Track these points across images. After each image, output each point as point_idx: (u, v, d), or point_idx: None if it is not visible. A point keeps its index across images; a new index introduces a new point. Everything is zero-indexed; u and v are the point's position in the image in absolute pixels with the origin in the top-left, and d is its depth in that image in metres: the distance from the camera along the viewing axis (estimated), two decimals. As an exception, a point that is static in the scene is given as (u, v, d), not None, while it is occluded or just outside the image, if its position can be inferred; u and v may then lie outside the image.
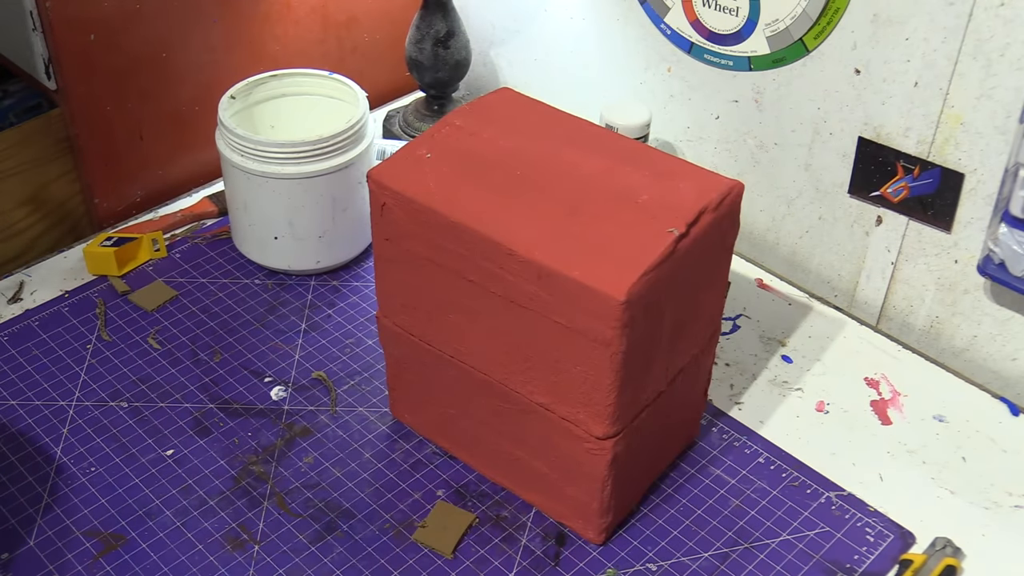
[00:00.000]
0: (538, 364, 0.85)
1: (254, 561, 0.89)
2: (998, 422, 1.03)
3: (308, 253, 1.14)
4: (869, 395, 1.05)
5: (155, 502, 0.93)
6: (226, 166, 1.12)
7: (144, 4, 1.16)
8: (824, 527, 0.93)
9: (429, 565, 0.89)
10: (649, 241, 0.80)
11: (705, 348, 0.93)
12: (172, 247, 1.19)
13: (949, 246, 1.08)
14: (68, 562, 0.89)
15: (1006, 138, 0.99)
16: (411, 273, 0.89)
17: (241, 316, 1.11)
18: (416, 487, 0.96)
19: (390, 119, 1.37)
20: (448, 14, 1.28)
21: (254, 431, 1.00)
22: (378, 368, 1.06)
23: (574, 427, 0.85)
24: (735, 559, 0.90)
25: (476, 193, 0.85)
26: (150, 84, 1.20)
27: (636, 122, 1.19)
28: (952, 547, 0.90)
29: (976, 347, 1.10)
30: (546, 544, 0.91)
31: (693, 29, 1.17)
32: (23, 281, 1.15)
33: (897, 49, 1.03)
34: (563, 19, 1.32)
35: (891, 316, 1.16)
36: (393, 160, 0.89)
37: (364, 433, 1.00)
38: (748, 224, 1.23)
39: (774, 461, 0.98)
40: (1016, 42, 0.95)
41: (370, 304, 1.13)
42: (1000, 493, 0.97)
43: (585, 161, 0.88)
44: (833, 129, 1.12)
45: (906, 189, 1.08)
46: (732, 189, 0.86)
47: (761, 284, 1.18)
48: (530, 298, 0.82)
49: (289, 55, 1.31)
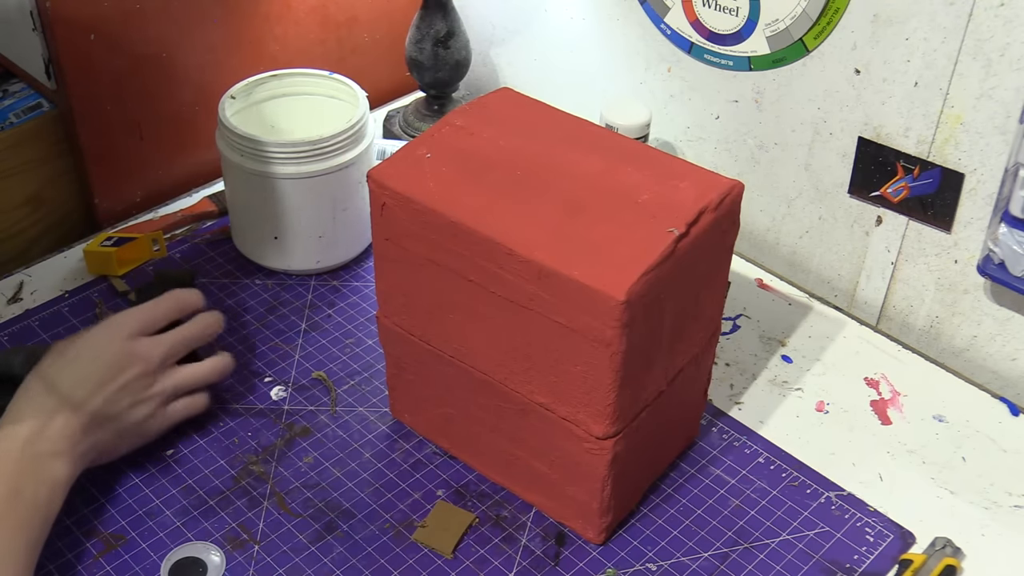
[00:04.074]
0: (538, 364, 0.85)
1: (254, 561, 0.89)
2: (998, 422, 1.03)
3: (308, 253, 1.14)
4: (869, 395, 1.05)
5: (155, 502, 0.93)
6: (226, 166, 1.12)
7: (144, 4, 1.16)
8: (824, 527, 0.93)
9: (429, 565, 0.89)
10: (649, 241, 0.80)
11: (705, 348, 0.93)
12: (172, 247, 1.19)
13: (949, 246, 1.08)
14: (68, 562, 0.89)
15: (1006, 138, 0.99)
16: (411, 273, 0.89)
17: (241, 316, 1.11)
18: (416, 487, 0.96)
19: (390, 119, 1.37)
20: (448, 14, 1.28)
21: (254, 431, 1.00)
22: (378, 368, 1.06)
23: (574, 427, 0.85)
24: (735, 559, 0.90)
25: (476, 193, 0.85)
26: (150, 84, 1.20)
27: (636, 122, 1.19)
28: (952, 547, 0.90)
29: (976, 347, 1.10)
30: (546, 544, 0.91)
31: (693, 29, 1.17)
32: (23, 281, 1.15)
33: (897, 49, 1.03)
34: (563, 19, 1.32)
35: (891, 316, 1.16)
36: (393, 160, 0.89)
37: (364, 433, 1.00)
38: (748, 224, 1.23)
39: (774, 461, 0.98)
40: (1016, 42, 0.95)
41: (370, 304, 1.13)
42: (1000, 493, 0.97)
43: (585, 161, 0.88)
44: (833, 129, 1.12)
45: (906, 189, 1.08)
46: (732, 189, 0.86)
47: (761, 284, 1.18)
48: (530, 298, 0.82)
49: (289, 55, 1.31)
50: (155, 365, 0.92)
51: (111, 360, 0.90)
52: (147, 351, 0.92)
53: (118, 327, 0.93)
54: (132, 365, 0.91)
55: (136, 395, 0.91)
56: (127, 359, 0.91)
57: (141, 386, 0.91)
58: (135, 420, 0.91)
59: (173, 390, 0.94)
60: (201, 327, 0.98)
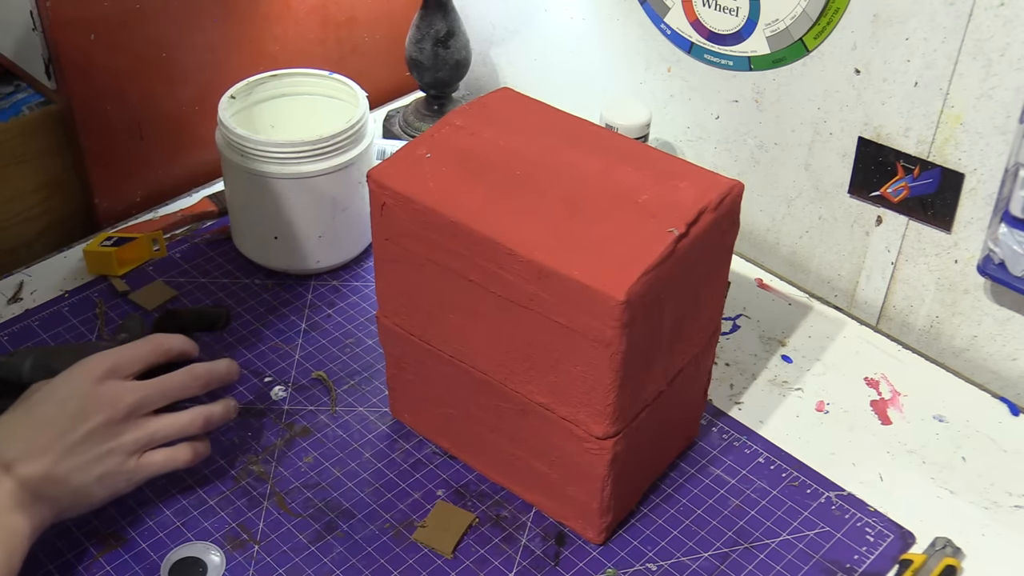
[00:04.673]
0: (538, 364, 0.85)
1: (254, 561, 0.89)
2: (998, 422, 1.03)
3: (308, 253, 1.14)
4: (869, 395, 1.05)
5: (155, 502, 0.93)
6: (226, 166, 1.12)
7: (144, 4, 1.16)
8: (824, 527, 0.93)
9: (429, 565, 0.89)
10: (649, 241, 0.80)
11: (705, 348, 0.93)
12: (172, 247, 1.19)
13: (949, 246, 1.08)
14: (68, 562, 0.89)
15: (1006, 138, 0.99)
16: (411, 273, 0.89)
17: (241, 316, 1.11)
18: (416, 487, 0.96)
19: (390, 119, 1.37)
20: (448, 14, 1.28)
21: (254, 431, 1.00)
22: (378, 368, 1.06)
23: (574, 427, 0.85)
24: (735, 559, 0.90)
25: (476, 193, 0.85)
26: (150, 84, 1.21)
27: (636, 122, 1.19)
28: (952, 547, 0.90)
29: (976, 347, 1.10)
30: (546, 544, 0.91)
31: (693, 29, 1.17)
32: (23, 281, 1.15)
33: (897, 49, 1.03)
34: (563, 19, 1.32)
35: (891, 316, 1.16)
36: (393, 160, 0.89)
37: (364, 433, 1.00)
38: (748, 224, 1.23)
39: (774, 461, 0.98)
40: (1016, 42, 0.95)
41: (370, 304, 1.13)
42: (1000, 493, 0.97)
43: (585, 161, 0.88)
44: (833, 129, 1.12)
45: (906, 189, 1.08)
46: (732, 189, 0.86)
47: (761, 284, 1.18)
48: (530, 298, 0.82)
49: (289, 55, 1.31)
50: (122, 413, 0.85)
51: (74, 409, 0.84)
52: (114, 397, 0.85)
53: (88, 370, 0.86)
54: (96, 413, 0.84)
55: (99, 445, 0.84)
56: (92, 406, 0.84)
57: (105, 436, 0.84)
58: (101, 472, 0.84)
59: (148, 440, 0.87)
60: (189, 377, 0.90)
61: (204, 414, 0.90)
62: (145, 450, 0.87)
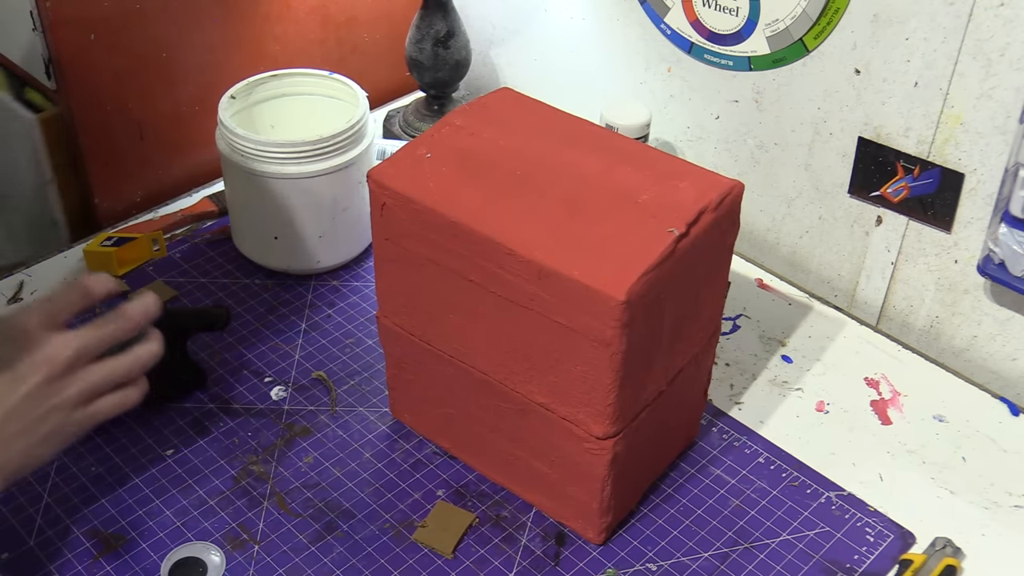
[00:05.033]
0: (538, 364, 0.85)
1: (254, 561, 0.89)
2: (998, 422, 1.03)
3: (308, 253, 1.14)
4: (869, 395, 1.05)
5: (155, 502, 0.93)
6: (226, 166, 1.12)
7: (144, 4, 1.16)
8: (824, 527, 0.93)
9: (429, 565, 0.89)
10: (649, 241, 0.80)
11: (705, 348, 0.93)
12: (172, 247, 1.19)
13: (949, 246, 1.08)
14: (68, 562, 0.89)
15: (1006, 138, 0.99)
16: (411, 273, 0.89)
17: (241, 316, 1.11)
18: (416, 487, 0.96)
19: (390, 119, 1.37)
20: (448, 14, 1.28)
21: (254, 431, 1.00)
22: (378, 368, 1.06)
23: (574, 427, 0.85)
24: (735, 559, 0.90)
25: (476, 193, 0.85)
26: (150, 84, 1.21)
27: (636, 122, 1.19)
28: (952, 547, 0.90)
29: (976, 347, 1.10)
30: (546, 544, 0.91)
31: (693, 29, 1.17)
32: (23, 281, 1.15)
33: (897, 49, 1.03)
34: (563, 19, 1.32)
35: (891, 316, 1.16)
36: (393, 160, 0.89)
37: (364, 433, 1.00)
38: (748, 224, 1.23)
39: (774, 461, 0.98)
40: (1016, 42, 0.95)
41: (370, 304, 1.13)
42: (1000, 493, 0.97)
43: (585, 161, 0.88)
44: (833, 129, 1.12)
45: (906, 189, 1.08)
46: (732, 189, 0.86)
47: (761, 284, 1.18)
48: (530, 298, 0.82)
49: (289, 55, 1.31)
50: (60, 368, 0.82)
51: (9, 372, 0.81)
52: (51, 353, 0.82)
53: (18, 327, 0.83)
54: (33, 372, 0.81)
55: (41, 405, 0.81)
56: (28, 367, 0.81)
57: (46, 394, 0.81)
58: (47, 431, 0.82)
59: (92, 390, 0.84)
60: (122, 318, 0.86)
61: (145, 350, 0.87)
62: (91, 399, 0.84)
